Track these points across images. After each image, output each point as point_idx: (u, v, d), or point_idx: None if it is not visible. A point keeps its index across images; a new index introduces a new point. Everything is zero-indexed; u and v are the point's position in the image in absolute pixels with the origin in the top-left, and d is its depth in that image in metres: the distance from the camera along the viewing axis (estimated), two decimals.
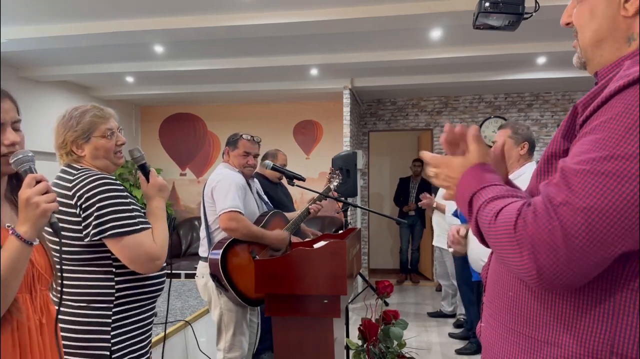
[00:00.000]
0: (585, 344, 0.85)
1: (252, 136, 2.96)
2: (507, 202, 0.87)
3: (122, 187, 1.61)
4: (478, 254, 2.78)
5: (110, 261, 1.59)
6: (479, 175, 0.96)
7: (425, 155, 1.09)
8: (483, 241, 0.95)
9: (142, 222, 1.60)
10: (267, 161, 3.42)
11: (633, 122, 0.76)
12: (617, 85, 0.80)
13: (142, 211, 1.71)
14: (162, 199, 1.73)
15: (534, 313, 0.92)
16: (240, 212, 2.67)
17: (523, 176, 2.68)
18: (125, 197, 1.60)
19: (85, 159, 1.68)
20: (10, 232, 1.13)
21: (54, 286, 1.33)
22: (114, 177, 1.64)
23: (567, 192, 0.78)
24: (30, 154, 1.21)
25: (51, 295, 1.34)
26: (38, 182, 1.15)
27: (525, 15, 1.88)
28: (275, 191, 3.81)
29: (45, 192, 1.15)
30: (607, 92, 0.81)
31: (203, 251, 2.84)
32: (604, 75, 0.92)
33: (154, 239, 1.61)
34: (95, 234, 1.53)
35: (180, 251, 7.09)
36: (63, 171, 1.65)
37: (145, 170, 1.76)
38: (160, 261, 1.61)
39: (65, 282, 1.62)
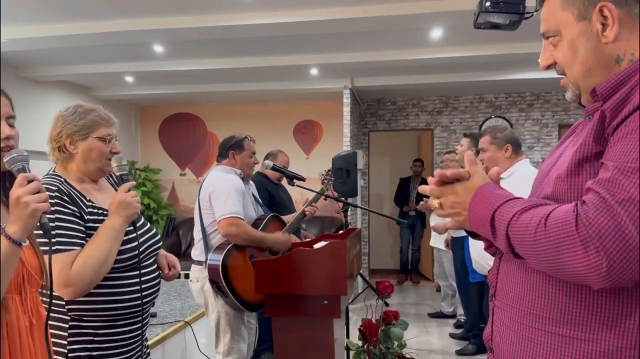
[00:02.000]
0: (628, 337, 0.86)
1: (251, 137, 2.99)
2: (548, 208, 0.88)
3: (53, 202, 1.48)
4: (482, 255, 2.79)
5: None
6: (492, 193, 0.97)
7: (425, 188, 1.08)
8: (516, 256, 0.94)
9: (62, 243, 1.48)
10: (267, 161, 3.42)
11: None
12: None
13: (99, 216, 1.59)
14: (120, 218, 1.56)
15: (567, 312, 0.92)
16: (240, 218, 2.66)
17: (514, 174, 2.75)
18: (52, 212, 1.48)
19: (76, 158, 1.62)
20: (1, 231, 1.10)
21: (44, 287, 1.31)
22: (55, 187, 1.53)
23: (630, 188, 0.80)
24: (24, 154, 1.18)
25: (40, 296, 1.31)
26: (30, 182, 1.13)
27: (526, 15, 1.87)
28: (276, 190, 3.81)
29: (37, 192, 1.12)
30: None
31: (197, 254, 2.81)
32: (607, 88, 0.94)
33: (74, 263, 1.47)
34: None
35: (180, 251, 7.09)
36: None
37: (121, 182, 1.66)
38: (72, 289, 1.47)
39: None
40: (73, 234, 1.53)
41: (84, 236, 1.56)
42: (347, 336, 3.02)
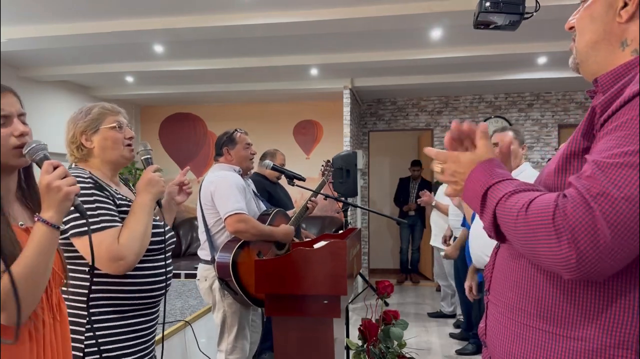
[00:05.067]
0: (613, 334, 0.87)
1: (241, 129, 3.00)
2: (535, 194, 0.89)
3: (90, 185, 1.57)
4: (482, 249, 2.79)
5: (85, 261, 1.56)
6: (491, 170, 0.98)
7: (431, 151, 1.10)
8: (497, 235, 0.96)
9: (106, 221, 1.55)
10: (266, 161, 3.41)
11: None
12: (638, 87, 0.84)
13: (126, 207, 1.66)
14: (150, 195, 1.65)
15: (557, 308, 0.93)
16: (245, 214, 2.66)
17: (522, 174, 2.81)
18: (91, 195, 1.55)
19: (95, 152, 1.68)
20: (36, 218, 1.14)
21: (67, 284, 1.33)
22: (87, 176, 1.59)
23: (605, 183, 0.81)
24: (42, 143, 1.22)
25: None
26: (55, 168, 1.17)
27: (526, 15, 1.88)
28: (275, 190, 3.81)
29: (64, 177, 1.16)
30: (629, 92, 0.85)
31: (204, 254, 2.81)
32: (606, 81, 0.96)
33: (119, 238, 1.54)
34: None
35: (180, 251, 7.09)
36: None
37: (146, 164, 1.77)
38: (124, 261, 1.53)
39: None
40: (113, 213, 1.60)
41: (120, 217, 1.62)
42: (347, 336, 3.02)
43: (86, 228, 1.48)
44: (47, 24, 4.29)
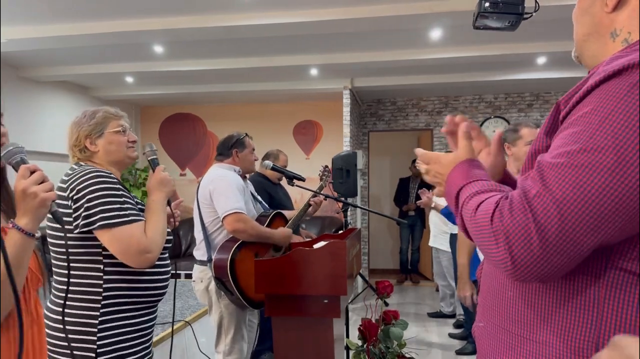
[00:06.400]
0: (568, 342, 0.85)
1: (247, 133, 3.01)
2: (488, 196, 0.88)
3: (115, 181, 1.61)
4: None
5: (100, 258, 1.57)
6: (467, 170, 0.98)
7: (418, 151, 1.11)
8: (468, 234, 0.96)
9: (133, 215, 1.59)
10: (267, 161, 3.41)
11: (607, 115, 0.77)
12: (594, 80, 0.81)
13: (140, 206, 1.71)
14: (162, 193, 1.70)
15: (518, 310, 0.92)
16: (244, 213, 2.65)
17: None
18: (117, 189, 1.59)
19: (99, 155, 1.71)
20: (11, 225, 1.10)
21: (44, 285, 1.30)
22: (109, 172, 1.64)
23: (541, 185, 0.79)
24: (20, 146, 1.19)
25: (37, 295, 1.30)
26: (32, 172, 1.12)
27: (525, 16, 1.88)
28: (275, 191, 3.81)
29: (42, 182, 1.12)
30: (586, 87, 0.83)
31: (200, 254, 2.79)
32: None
33: (146, 232, 1.59)
34: (84, 226, 1.53)
35: (180, 251, 7.09)
36: (69, 169, 1.66)
37: (154, 165, 1.80)
38: (151, 255, 1.57)
39: (57, 278, 1.61)
40: (137, 208, 1.65)
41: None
42: (347, 336, 3.02)
43: (115, 220, 1.53)
44: (47, 24, 4.29)
